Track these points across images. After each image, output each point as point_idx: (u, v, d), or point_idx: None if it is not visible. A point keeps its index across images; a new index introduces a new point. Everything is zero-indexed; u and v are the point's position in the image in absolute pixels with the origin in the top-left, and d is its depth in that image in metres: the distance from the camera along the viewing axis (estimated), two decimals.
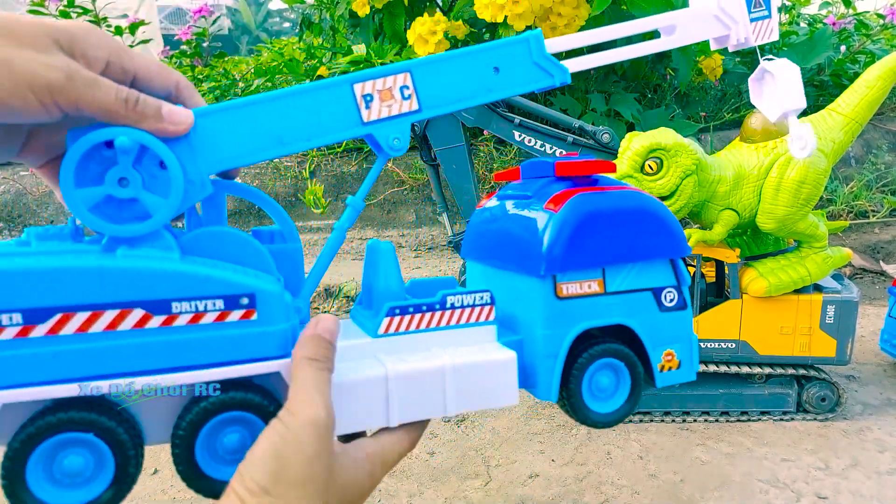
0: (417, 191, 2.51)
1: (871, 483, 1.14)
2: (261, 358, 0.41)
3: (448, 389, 0.46)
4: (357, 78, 0.46)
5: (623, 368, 0.53)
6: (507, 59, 0.50)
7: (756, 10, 0.56)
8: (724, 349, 1.30)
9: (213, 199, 0.48)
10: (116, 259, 0.38)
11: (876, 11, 2.83)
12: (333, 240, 0.48)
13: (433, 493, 1.11)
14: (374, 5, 2.32)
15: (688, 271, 0.55)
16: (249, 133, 0.43)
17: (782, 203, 1.23)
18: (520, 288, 0.52)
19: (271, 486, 0.36)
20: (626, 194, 0.53)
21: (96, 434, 0.38)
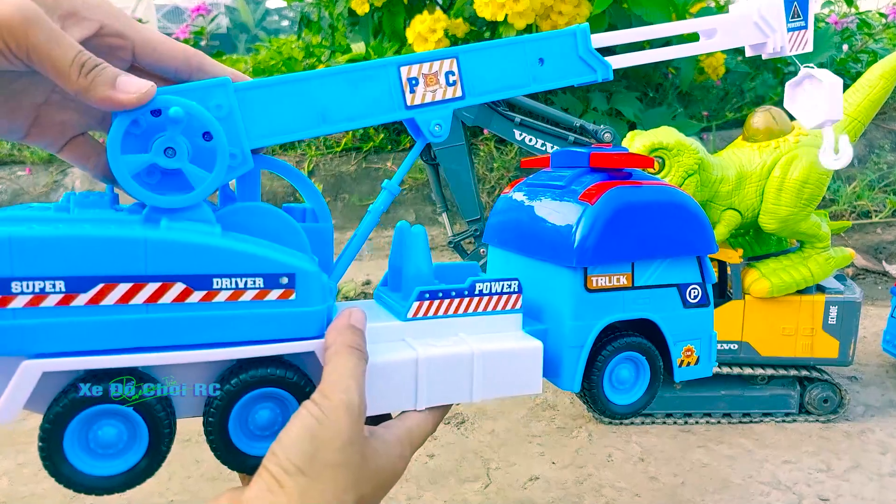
0: (417, 191, 2.51)
1: (872, 485, 1.13)
2: (297, 338, 0.41)
3: (475, 375, 0.46)
4: (404, 61, 0.46)
5: (644, 362, 0.53)
6: (553, 51, 0.50)
7: (794, 20, 0.57)
8: (727, 350, 1.29)
9: (249, 175, 0.47)
10: (161, 231, 0.38)
11: (878, 10, 2.82)
12: (367, 222, 0.48)
13: (432, 496, 1.10)
14: (373, 3, 2.31)
15: (713, 269, 0.55)
16: (293, 109, 0.43)
17: (785, 203, 1.22)
18: (548, 277, 0.52)
19: (307, 467, 0.36)
20: (660, 189, 0.53)
21: (135, 409, 0.38)
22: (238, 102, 0.41)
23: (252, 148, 0.42)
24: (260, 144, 0.42)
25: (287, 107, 0.43)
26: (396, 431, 0.43)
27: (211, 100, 0.40)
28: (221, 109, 0.40)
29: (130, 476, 0.39)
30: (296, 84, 0.43)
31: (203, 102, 0.39)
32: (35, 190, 2.58)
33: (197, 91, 0.40)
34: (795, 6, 0.57)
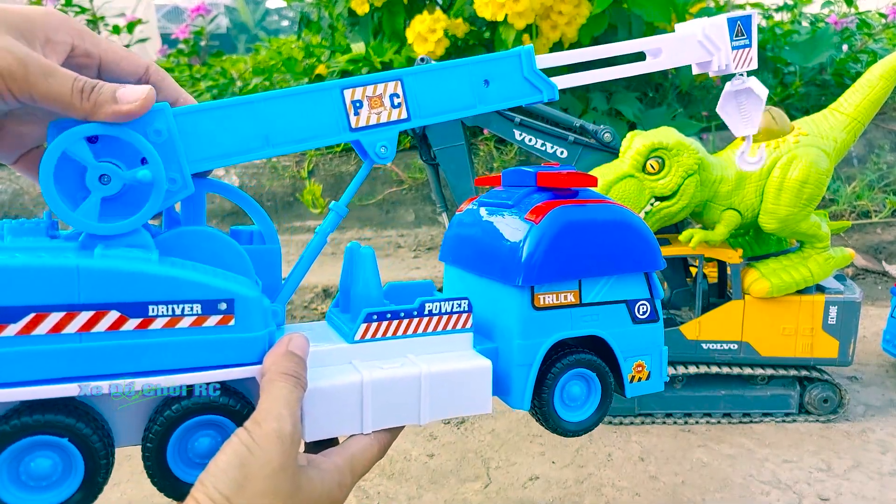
0: (416, 190, 2.50)
1: (873, 484, 1.13)
2: (237, 364, 0.40)
3: (423, 397, 0.46)
4: (347, 84, 0.45)
5: (594, 378, 0.53)
6: (498, 73, 0.50)
7: (738, 38, 0.58)
8: (726, 350, 1.29)
9: (193, 198, 0.47)
10: (94, 259, 0.37)
11: (878, 10, 2.82)
12: (315, 244, 0.47)
13: (432, 496, 1.10)
14: (373, 3, 2.31)
15: (661, 285, 0.56)
16: (235, 133, 0.42)
17: (784, 203, 1.22)
18: (497, 296, 0.52)
19: (234, 495, 0.35)
20: (605, 208, 0.53)
21: (70, 439, 0.37)
22: (178, 127, 0.40)
23: (194, 172, 0.41)
24: (202, 168, 0.42)
25: (229, 130, 0.42)
26: (336, 459, 0.42)
27: (150, 125, 0.39)
28: (160, 135, 0.40)
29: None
30: (237, 108, 0.43)
31: (141, 128, 0.39)
32: (34, 190, 2.58)
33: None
34: (739, 25, 0.58)
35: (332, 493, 0.41)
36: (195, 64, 3.19)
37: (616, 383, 0.55)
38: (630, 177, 1.21)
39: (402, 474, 1.16)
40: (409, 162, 2.53)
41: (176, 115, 0.40)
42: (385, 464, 1.18)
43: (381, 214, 2.48)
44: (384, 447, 0.45)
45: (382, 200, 2.50)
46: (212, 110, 0.42)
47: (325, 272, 2.04)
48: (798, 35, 2.74)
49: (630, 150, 1.22)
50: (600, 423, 0.56)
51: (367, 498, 1.09)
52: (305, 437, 0.43)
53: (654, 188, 1.21)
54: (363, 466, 0.44)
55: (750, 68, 0.59)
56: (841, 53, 2.67)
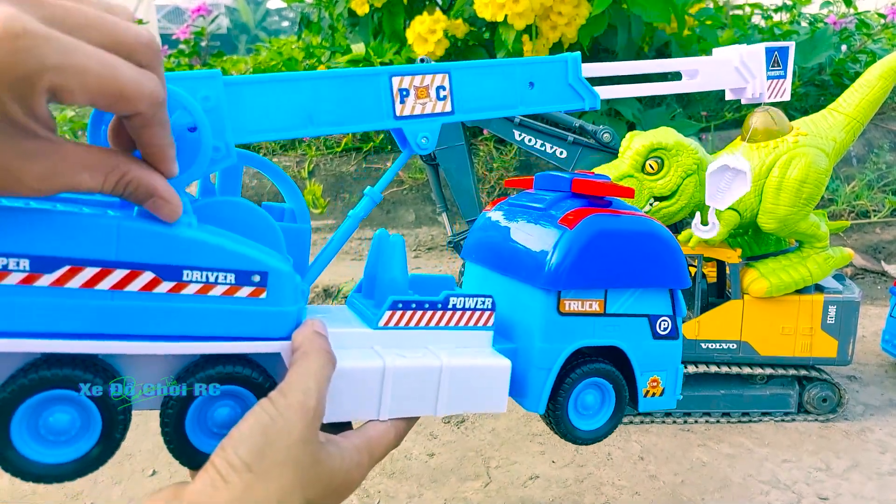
0: (417, 191, 2.51)
1: (872, 484, 1.14)
2: (265, 337, 0.40)
3: (441, 390, 0.46)
4: (397, 71, 0.46)
5: (609, 389, 0.53)
6: (544, 76, 0.50)
7: (774, 68, 0.59)
8: (726, 350, 1.30)
9: (231, 170, 0.47)
10: (132, 218, 0.37)
11: (877, 11, 2.83)
12: (346, 227, 0.47)
13: (432, 495, 1.10)
14: (373, 4, 2.31)
15: (684, 305, 0.57)
16: (281, 108, 0.43)
17: (784, 203, 1.22)
18: (522, 298, 0.52)
19: (255, 463, 0.35)
20: (639, 220, 0.53)
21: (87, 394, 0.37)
22: (226, 96, 0.40)
23: (237, 143, 0.41)
24: (245, 140, 0.42)
25: (275, 105, 0.42)
26: (355, 440, 0.42)
27: (199, 91, 0.39)
28: (209, 101, 0.40)
29: (81, 464, 0.38)
30: (287, 83, 0.43)
31: (191, 92, 0.39)
32: None
33: (186, 80, 0.39)
34: (776, 56, 0.59)
35: (350, 473, 0.41)
36: (196, 64, 3.20)
37: (630, 396, 0.55)
38: (629, 177, 1.21)
39: (402, 473, 1.16)
40: (409, 162, 2.53)
41: (226, 83, 0.41)
42: (386, 462, 1.19)
43: (382, 214, 2.49)
44: (401, 435, 0.46)
45: (382, 200, 2.50)
46: (261, 83, 0.42)
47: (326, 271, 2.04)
48: (797, 35, 2.74)
49: (629, 150, 1.22)
50: (611, 433, 0.56)
51: (367, 497, 1.09)
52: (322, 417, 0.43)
53: (653, 188, 1.21)
54: (380, 452, 0.44)
55: (783, 99, 0.61)
56: (840, 54, 2.67)
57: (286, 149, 2.63)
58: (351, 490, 0.41)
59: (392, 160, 2.54)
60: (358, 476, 0.41)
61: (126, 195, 0.34)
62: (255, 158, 0.47)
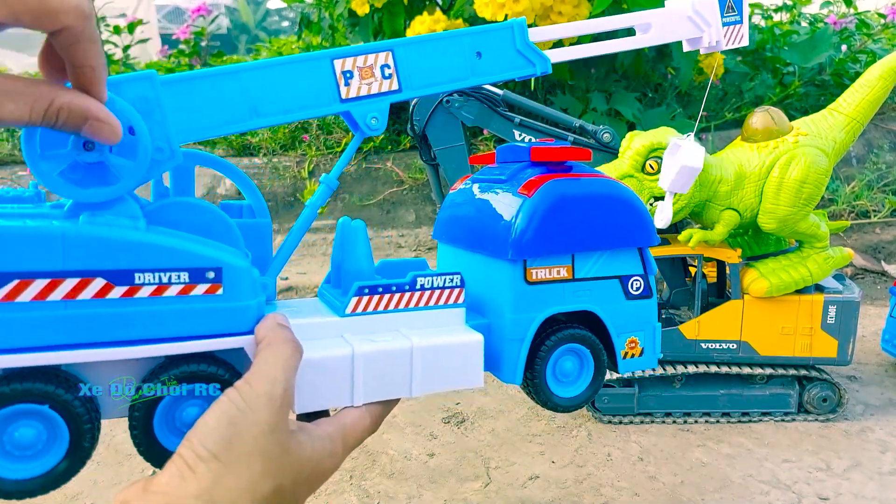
0: (417, 190, 2.51)
1: (872, 484, 1.14)
2: (225, 333, 0.40)
3: (415, 370, 0.46)
4: (338, 54, 0.45)
5: (587, 354, 0.53)
6: (491, 45, 0.49)
7: (729, 14, 0.58)
8: (726, 350, 1.30)
9: (183, 170, 0.47)
10: (78, 225, 0.36)
11: (877, 11, 2.83)
12: (305, 217, 0.47)
13: (432, 495, 1.10)
14: (373, 4, 2.31)
15: (654, 261, 0.56)
16: (223, 103, 0.42)
17: (784, 203, 1.22)
18: (490, 271, 0.52)
19: (222, 452, 0.34)
20: (598, 181, 0.53)
21: (51, 406, 0.36)
22: (165, 96, 0.40)
23: (182, 142, 0.41)
24: (190, 139, 0.41)
25: (216, 100, 0.42)
26: (327, 428, 0.42)
27: (134, 92, 0.39)
28: (146, 102, 0.39)
29: (49, 479, 0.37)
30: (224, 77, 0.42)
31: (126, 95, 0.38)
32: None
33: (120, 84, 0.39)
34: (730, 1, 0.57)
35: (322, 461, 0.40)
36: (196, 64, 3.20)
37: (609, 359, 0.55)
38: (629, 177, 1.21)
39: (402, 473, 1.16)
40: (409, 162, 2.53)
41: (163, 82, 0.40)
42: (385, 463, 1.19)
43: (382, 214, 2.49)
44: (377, 420, 0.45)
45: (382, 200, 2.50)
46: (199, 79, 0.41)
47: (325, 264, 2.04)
48: (797, 35, 2.74)
49: (629, 150, 1.22)
50: (593, 399, 0.55)
51: (367, 497, 1.09)
52: (296, 408, 0.42)
53: (653, 188, 1.21)
54: (355, 438, 0.43)
55: (742, 44, 0.59)
56: (840, 54, 2.67)
57: (286, 149, 2.63)
58: (325, 477, 0.41)
59: (392, 160, 2.54)
60: (331, 464, 0.41)
61: (59, 125, 0.33)
62: (207, 157, 0.47)
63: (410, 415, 1.36)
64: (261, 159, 2.59)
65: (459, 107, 1.34)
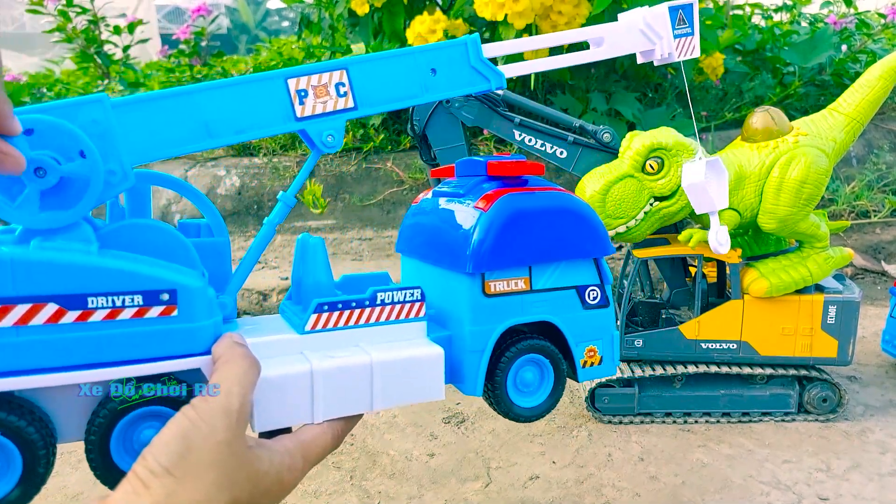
0: (417, 191, 2.51)
1: (872, 485, 1.14)
2: (182, 355, 0.40)
3: (375, 385, 0.46)
4: (292, 73, 0.45)
5: (547, 364, 0.54)
6: (445, 62, 0.50)
7: (680, 27, 0.59)
8: (726, 350, 1.30)
9: (138, 191, 0.47)
10: (29, 251, 0.36)
11: (877, 11, 2.83)
12: (262, 235, 0.47)
13: (432, 496, 1.10)
14: (373, 4, 2.31)
15: (610, 272, 0.58)
16: (176, 124, 0.42)
17: (784, 203, 1.22)
18: (450, 284, 0.53)
19: (174, 467, 0.34)
20: (552, 195, 0.54)
21: (3, 433, 0.36)
22: (116, 118, 0.40)
23: (136, 164, 0.41)
24: (143, 160, 0.41)
25: (168, 121, 0.42)
26: (286, 443, 0.42)
27: (85, 116, 0.39)
28: (97, 125, 0.39)
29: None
30: (177, 98, 0.42)
31: (77, 119, 0.38)
32: None
33: (68, 108, 0.39)
34: (681, 13, 0.58)
35: (281, 475, 0.40)
36: (196, 64, 3.20)
37: (569, 368, 0.55)
38: (629, 177, 1.21)
39: (402, 474, 1.16)
40: (409, 162, 2.53)
41: (114, 105, 0.40)
42: (386, 463, 1.19)
43: (382, 214, 2.49)
44: (339, 435, 0.45)
45: (382, 200, 2.50)
46: (150, 101, 0.41)
47: None
48: (797, 35, 2.74)
49: (629, 150, 1.22)
50: (553, 409, 0.56)
51: (367, 497, 1.09)
52: (256, 427, 0.42)
53: (653, 188, 1.21)
54: (316, 454, 0.43)
55: (693, 56, 0.60)
56: (840, 54, 2.67)
57: (286, 149, 2.63)
58: (285, 492, 0.41)
59: (392, 160, 2.54)
60: (290, 478, 0.41)
61: None
62: (162, 177, 0.47)
63: (411, 415, 1.36)
64: (261, 159, 2.59)
65: (459, 107, 1.34)
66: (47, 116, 0.37)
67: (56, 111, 0.38)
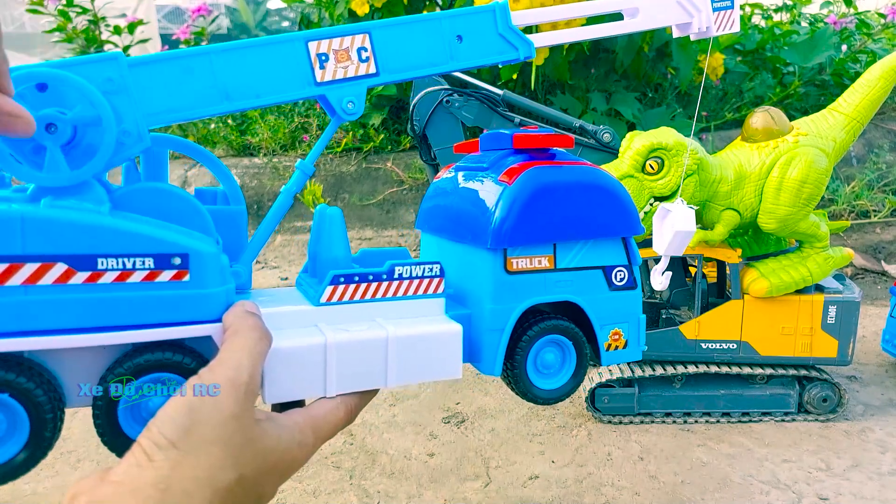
0: (417, 190, 2.51)
1: (872, 484, 1.14)
2: (192, 321, 0.39)
3: (390, 361, 0.44)
4: (313, 36, 0.44)
5: (569, 345, 0.52)
6: (472, 28, 0.48)
7: (719, 0, 0.56)
8: (726, 350, 1.30)
9: (154, 155, 0.46)
10: (39, 208, 0.36)
11: (877, 10, 2.83)
12: (279, 203, 0.46)
13: (432, 495, 1.10)
14: (373, 4, 2.31)
15: (639, 252, 0.55)
16: (192, 85, 0.41)
17: (784, 203, 1.22)
18: (471, 261, 0.51)
19: (180, 440, 0.34)
20: (581, 170, 0.51)
21: (11, 394, 0.35)
22: (132, 78, 0.39)
23: (151, 126, 0.40)
24: (159, 122, 0.40)
25: (186, 83, 0.41)
26: (297, 417, 0.41)
27: (101, 74, 0.38)
28: (112, 83, 0.38)
29: (7, 469, 0.36)
30: (194, 58, 0.41)
31: (91, 77, 0.37)
32: None
33: (84, 65, 0.38)
34: None
35: (291, 451, 0.39)
36: None
37: (592, 351, 0.53)
38: (629, 177, 1.21)
39: (402, 473, 1.16)
40: (409, 162, 2.53)
41: (130, 64, 0.39)
42: (385, 463, 1.19)
43: (382, 214, 2.48)
44: (352, 412, 0.44)
45: (382, 200, 2.50)
46: (167, 60, 0.40)
47: None
48: (797, 35, 2.74)
49: (629, 150, 1.22)
50: (575, 391, 0.54)
51: (367, 496, 1.09)
52: (266, 398, 0.41)
53: (653, 188, 1.21)
54: (328, 430, 0.42)
55: (733, 30, 0.57)
56: (840, 53, 2.67)
57: (286, 149, 2.63)
58: (294, 468, 0.40)
59: (392, 160, 2.54)
60: (300, 454, 0.40)
61: None
62: (180, 142, 0.46)
63: (411, 414, 1.36)
64: (261, 159, 2.59)
65: (459, 107, 1.34)
66: (61, 71, 0.36)
67: (71, 67, 0.37)
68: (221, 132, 2.64)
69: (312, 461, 1.18)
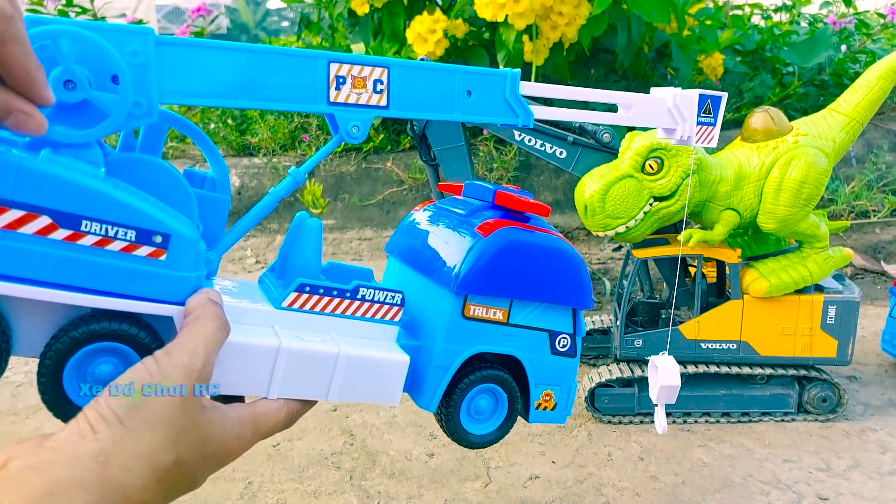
0: (417, 191, 2.51)
1: (872, 484, 1.14)
2: (158, 300, 0.39)
3: (336, 377, 0.46)
4: (336, 58, 0.46)
5: (503, 396, 0.55)
6: (482, 87, 0.51)
7: (705, 115, 0.60)
8: (725, 350, 1.30)
9: (155, 130, 0.47)
10: (38, 160, 0.36)
11: (876, 11, 2.83)
12: (264, 203, 0.47)
13: (432, 495, 1.10)
14: (373, 4, 2.31)
15: (585, 325, 0.60)
16: (212, 75, 0.42)
17: (783, 203, 1.22)
18: (432, 297, 0.54)
19: (127, 417, 0.34)
20: (550, 238, 0.55)
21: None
22: (157, 56, 0.40)
23: (163, 103, 0.41)
24: (172, 101, 0.42)
25: (207, 71, 0.42)
26: (240, 412, 0.42)
27: (127, 44, 0.39)
28: (136, 56, 0.39)
29: None
30: (223, 52, 0.42)
31: (119, 45, 0.38)
32: None
33: (115, 32, 0.39)
34: (709, 103, 0.60)
35: (230, 442, 0.40)
36: None
37: (522, 406, 0.56)
38: (629, 177, 1.21)
39: (402, 473, 1.16)
40: (409, 162, 2.53)
41: (158, 42, 0.40)
42: (386, 463, 1.19)
43: (382, 214, 2.49)
44: (292, 417, 0.45)
45: (382, 200, 2.50)
46: (195, 47, 0.42)
47: None
48: (796, 35, 2.74)
49: (629, 150, 1.22)
50: (499, 441, 0.58)
51: (367, 497, 1.09)
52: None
53: (653, 188, 1.21)
54: (266, 428, 0.43)
55: (710, 146, 0.62)
56: (839, 54, 2.67)
57: (286, 149, 2.63)
58: (229, 459, 0.41)
59: (392, 160, 2.54)
60: (237, 447, 0.41)
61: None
62: (182, 122, 0.47)
63: (411, 415, 1.36)
64: (261, 159, 2.59)
65: None
66: (92, 34, 0.37)
67: (102, 32, 0.38)
68: (221, 132, 2.64)
69: (313, 461, 1.18)
